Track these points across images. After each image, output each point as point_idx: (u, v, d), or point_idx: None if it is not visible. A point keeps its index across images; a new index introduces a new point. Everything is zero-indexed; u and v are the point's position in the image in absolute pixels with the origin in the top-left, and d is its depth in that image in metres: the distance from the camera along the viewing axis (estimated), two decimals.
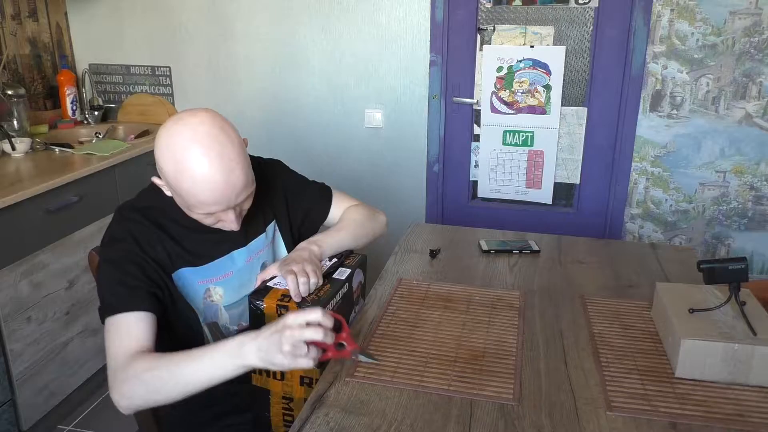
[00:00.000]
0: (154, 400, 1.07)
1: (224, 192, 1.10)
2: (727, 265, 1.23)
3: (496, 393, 1.12)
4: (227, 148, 1.10)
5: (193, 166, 1.07)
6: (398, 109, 2.77)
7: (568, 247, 1.81)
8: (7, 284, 1.94)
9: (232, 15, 2.81)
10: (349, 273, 1.30)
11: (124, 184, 2.44)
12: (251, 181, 1.16)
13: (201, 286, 1.25)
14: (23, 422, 2.04)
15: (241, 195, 1.13)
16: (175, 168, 1.09)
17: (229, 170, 1.09)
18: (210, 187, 1.08)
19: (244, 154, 1.14)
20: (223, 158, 1.08)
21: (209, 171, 1.07)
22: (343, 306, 1.27)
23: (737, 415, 1.07)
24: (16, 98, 2.52)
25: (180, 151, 1.08)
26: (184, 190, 1.10)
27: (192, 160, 1.07)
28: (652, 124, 2.56)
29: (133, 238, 1.18)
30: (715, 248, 2.65)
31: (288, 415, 1.25)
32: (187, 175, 1.08)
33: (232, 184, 1.10)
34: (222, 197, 1.10)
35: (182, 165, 1.08)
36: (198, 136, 1.08)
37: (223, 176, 1.08)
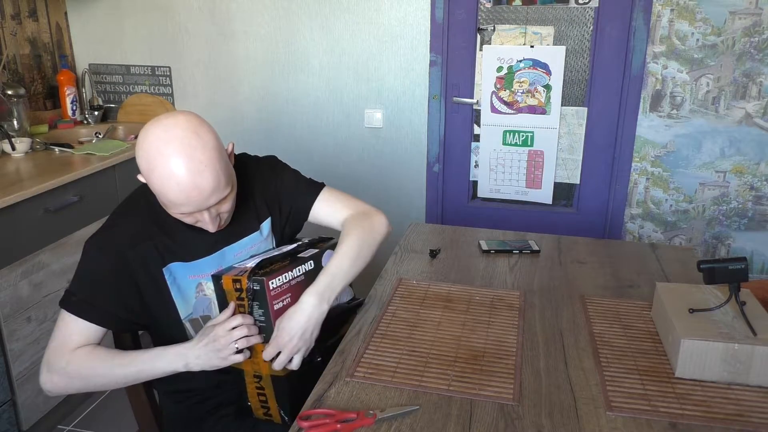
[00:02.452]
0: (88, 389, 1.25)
1: (191, 194, 1.11)
2: (727, 265, 1.23)
3: (496, 393, 1.12)
4: (197, 151, 1.10)
5: (162, 167, 1.09)
6: (398, 109, 2.77)
7: (568, 247, 1.81)
8: (7, 284, 1.94)
9: (232, 15, 2.81)
10: (315, 252, 1.31)
11: (124, 184, 2.44)
12: (224, 185, 1.15)
13: (192, 281, 1.27)
14: (23, 422, 2.04)
15: (211, 198, 1.13)
16: (148, 167, 1.11)
17: (196, 172, 1.09)
18: (178, 189, 1.10)
19: (219, 157, 1.14)
20: (192, 160, 1.09)
21: (176, 172, 1.09)
22: (308, 284, 1.24)
23: (737, 415, 1.07)
24: (16, 98, 2.52)
25: (152, 152, 1.10)
26: (156, 190, 1.13)
27: (161, 161, 1.09)
28: (652, 124, 2.56)
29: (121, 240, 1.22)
30: (715, 248, 2.65)
31: (261, 394, 1.27)
32: (156, 174, 1.10)
33: (200, 187, 1.10)
34: (189, 199, 1.11)
35: (153, 164, 1.10)
36: (169, 138, 1.09)
37: (190, 178, 1.09)
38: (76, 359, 1.18)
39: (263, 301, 1.18)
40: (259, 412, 1.30)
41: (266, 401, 1.28)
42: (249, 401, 1.30)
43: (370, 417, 1.03)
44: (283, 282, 1.21)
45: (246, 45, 2.83)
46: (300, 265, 1.26)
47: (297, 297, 1.23)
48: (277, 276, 1.20)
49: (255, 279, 1.18)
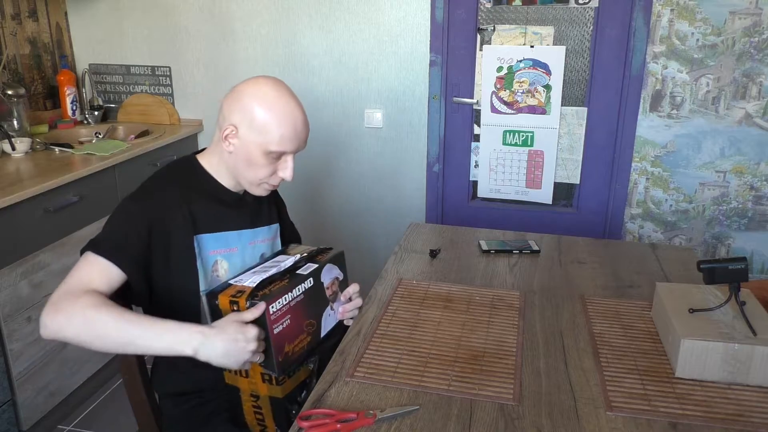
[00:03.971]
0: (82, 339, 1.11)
1: (302, 130, 1.30)
2: (727, 265, 1.23)
3: (496, 393, 1.12)
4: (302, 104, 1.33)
5: (284, 106, 1.27)
6: (398, 109, 2.77)
7: (568, 247, 1.81)
8: (7, 284, 1.94)
9: (232, 15, 2.81)
10: (315, 268, 1.27)
11: (124, 184, 2.44)
12: None
13: (211, 257, 1.31)
14: (23, 422, 2.04)
15: (305, 142, 1.34)
16: (269, 108, 1.26)
17: (305, 116, 1.32)
18: (297, 122, 1.28)
19: None
20: (302, 107, 1.32)
21: (296, 109, 1.29)
22: (308, 302, 1.24)
23: (737, 415, 1.07)
24: (16, 98, 2.52)
25: (272, 94, 1.27)
26: (273, 126, 1.26)
27: (284, 101, 1.28)
28: (652, 124, 2.56)
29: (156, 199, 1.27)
30: (715, 248, 2.65)
31: (258, 413, 1.26)
32: (277, 112, 1.26)
33: (306, 126, 1.32)
34: (297, 134, 1.29)
35: (274, 103, 1.26)
36: (284, 87, 1.31)
37: (304, 117, 1.31)
38: (87, 298, 1.12)
39: (263, 325, 1.14)
40: (255, 429, 1.29)
41: (263, 420, 1.27)
42: (245, 418, 1.29)
43: (370, 417, 1.03)
44: (283, 304, 1.17)
45: (246, 45, 2.83)
46: (299, 284, 1.23)
47: (296, 317, 1.21)
48: (277, 299, 1.16)
49: (255, 303, 1.14)
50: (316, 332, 1.29)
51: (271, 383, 1.22)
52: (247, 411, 1.28)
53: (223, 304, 1.17)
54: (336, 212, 2.97)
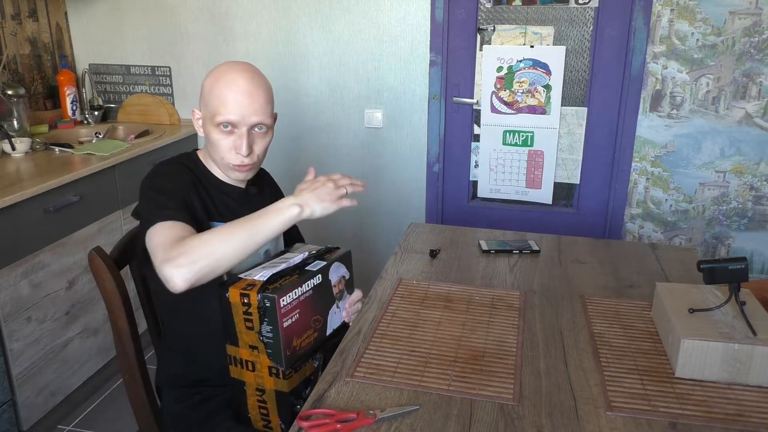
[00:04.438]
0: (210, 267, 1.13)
1: (243, 100, 1.29)
2: (727, 265, 1.23)
3: (496, 393, 1.12)
4: (258, 76, 1.34)
5: (228, 75, 1.30)
6: (398, 109, 2.77)
7: (568, 247, 1.81)
8: (7, 284, 1.94)
9: (232, 15, 2.81)
10: (323, 265, 1.30)
11: (124, 184, 2.44)
12: (268, 113, 1.34)
13: None
14: (23, 422, 2.04)
15: (257, 114, 1.31)
16: (214, 79, 1.31)
17: (254, 85, 1.31)
18: (237, 91, 1.28)
19: (270, 93, 1.36)
20: (254, 78, 1.32)
21: (240, 79, 1.30)
22: (316, 299, 1.27)
23: (737, 415, 1.07)
24: (16, 98, 2.52)
25: (223, 67, 1.33)
26: (215, 95, 1.29)
27: (230, 73, 1.31)
28: (652, 124, 2.56)
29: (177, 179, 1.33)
30: (715, 248, 2.65)
31: (263, 408, 1.26)
32: (222, 82, 1.29)
33: (253, 95, 1.30)
34: (240, 105, 1.29)
35: (221, 75, 1.31)
36: (240, 63, 1.35)
37: (249, 87, 1.30)
38: (190, 240, 1.14)
39: (273, 318, 1.16)
40: (258, 424, 1.30)
41: (267, 414, 1.28)
42: (249, 413, 1.30)
43: (370, 417, 1.03)
44: (293, 299, 1.20)
45: (246, 45, 2.83)
46: (309, 279, 1.25)
47: (305, 313, 1.23)
48: (287, 293, 1.18)
49: (266, 296, 1.15)
50: (323, 329, 1.31)
51: (277, 377, 1.22)
52: (252, 405, 1.28)
53: (234, 297, 1.18)
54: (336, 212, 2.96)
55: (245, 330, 1.20)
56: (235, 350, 1.24)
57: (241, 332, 1.21)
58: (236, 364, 1.26)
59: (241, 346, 1.23)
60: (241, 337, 1.22)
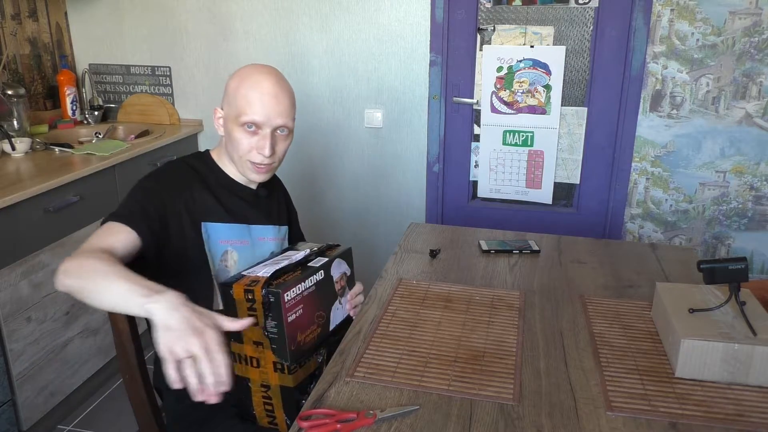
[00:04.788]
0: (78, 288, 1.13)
1: (269, 102, 1.31)
2: (727, 265, 1.23)
3: (496, 393, 1.12)
4: (283, 80, 1.36)
5: (254, 77, 1.32)
6: (398, 109, 2.77)
7: (568, 247, 1.81)
8: (7, 284, 1.94)
9: (232, 15, 2.81)
10: (325, 261, 1.31)
11: (124, 184, 2.44)
12: (291, 116, 1.36)
13: (221, 246, 1.35)
14: (23, 422, 2.04)
15: (280, 117, 1.33)
16: (240, 80, 1.32)
17: (279, 88, 1.33)
18: (264, 91, 1.30)
19: (293, 97, 1.38)
20: (279, 81, 1.34)
21: (266, 82, 1.32)
22: (319, 294, 1.28)
23: (737, 415, 1.07)
24: (16, 98, 2.52)
25: (249, 69, 1.35)
26: (241, 95, 1.31)
27: (255, 74, 1.33)
28: (652, 124, 2.56)
29: (171, 180, 1.34)
30: (715, 248, 2.65)
31: (268, 404, 1.27)
32: (248, 82, 1.31)
33: (278, 98, 1.32)
34: (265, 106, 1.30)
35: (246, 76, 1.33)
36: (266, 66, 1.37)
37: (275, 89, 1.32)
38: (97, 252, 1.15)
39: (277, 313, 1.17)
40: (263, 420, 1.30)
41: (273, 411, 1.28)
42: (254, 409, 1.30)
43: (370, 417, 1.03)
44: (297, 293, 1.21)
45: (246, 45, 2.83)
46: (312, 275, 1.26)
47: (308, 308, 1.24)
48: (292, 288, 1.19)
49: (271, 291, 1.16)
50: (326, 324, 1.32)
51: (282, 372, 1.22)
52: (257, 402, 1.28)
53: (238, 293, 1.19)
54: (336, 212, 2.97)
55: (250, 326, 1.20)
56: (240, 347, 1.25)
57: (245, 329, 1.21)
58: (240, 361, 1.26)
59: (246, 343, 1.23)
60: (245, 334, 1.22)
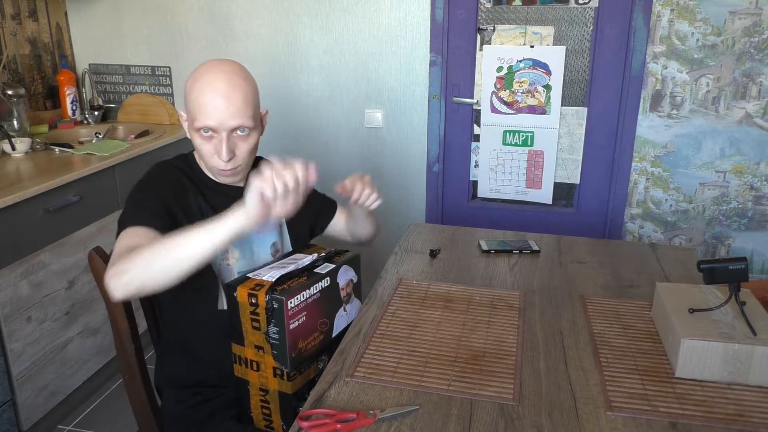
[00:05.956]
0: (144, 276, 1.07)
1: (219, 103, 1.23)
2: (727, 265, 1.23)
3: (496, 393, 1.12)
4: (239, 77, 1.27)
5: (206, 77, 1.25)
6: (398, 109, 2.77)
7: (568, 247, 1.81)
8: (7, 284, 1.94)
9: (232, 15, 2.81)
10: (332, 268, 1.30)
11: (124, 184, 2.44)
12: (248, 115, 1.27)
13: None
14: (23, 422, 2.04)
15: (235, 117, 1.25)
16: (192, 82, 1.26)
17: (231, 86, 1.24)
18: (212, 94, 1.23)
19: (253, 93, 1.30)
20: (232, 79, 1.25)
21: (217, 81, 1.24)
22: (323, 301, 1.27)
23: (737, 415, 1.07)
24: (16, 98, 2.52)
25: (203, 68, 1.28)
26: (192, 99, 1.25)
27: (207, 73, 1.26)
28: (652, 124, 2.56)
29: (170, 180, 1.32)
30: (715, 248, 2.65)
31: (265, 408, 1.26)
32: (199, 84, 1.25)
33: (230, 98, 1.24)
34: (216, 108, 1.23)
35: (199, 76, 1.26)
36: (219, 63, 1.29)
37: (226, 89, 1.24)
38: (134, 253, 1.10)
39: (280, 320, 1.17)
40: (260, 423, 1.30)
41: (270, 415, 1.28)
42: (251, 412, 1.30)
43: (370, 417, 1.03)
44: (301, 301, 1.20)
45: (246, 45, 2.83)
46: (317, 282, 1.25)
47: (312, 315, 1.23)
48: (296, 295, 1.18)
49: (274, 297, 1.16)
50: (329, 331, 1.31)
51: (282, 378, 1.22)
52: (255, 405, 1.28)
53: (242, 297, 1.19)
54: None
55: (251, 330, 1.20)
56: (241, 349, 1.25)
57: (248, 332, 1.21)
58: (241, 363, 1.26)
59: (247, 346, 1.23)
60: (247, 337, 1.22)
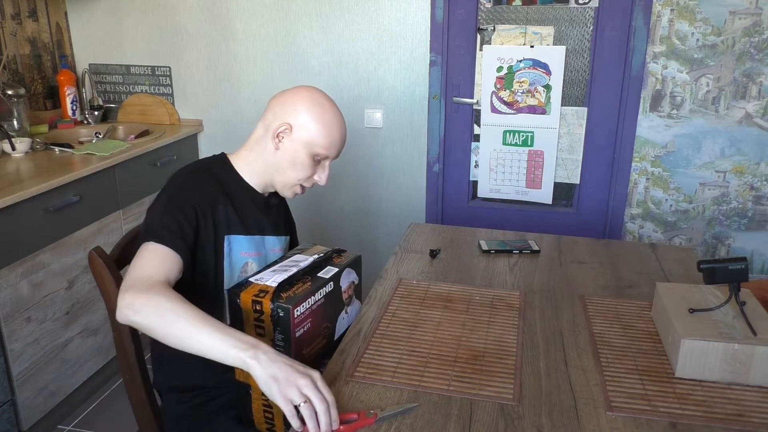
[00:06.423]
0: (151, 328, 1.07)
1: (345, 139, 1.42)
2: (727, 265, 1.23)
3: (496, 393, 1.12)
4: None
5: (336, 114, 1.40)
6: (398, 109, 2.77)
7: (568, 247, 1.81)
8: (7, 284, 1.94)
9: (232, 15, 2.81)
10: (335, 272, 1.29)
11: (124, 184, 2.44)
12: None
13: (242, 258, 1.36)
14: (23, 422, 2.04)
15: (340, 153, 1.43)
16: (323, 112, 1.36)
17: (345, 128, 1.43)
18: (343, 131, 1.40)
19: None
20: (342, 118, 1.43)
21: (343, 121, 1.42)
22: (327, 306, 1.27)
23: (737, 415, 1.07)
24: (16, 98, 2.52)
25: (327, 104, 1.39)
26: (325, 131, 1.36)
27: (335, 110, 1.40)
28: (652, 124, 2.56)
29: (201, 191, 1.32)
30: (715, 248, 2.65)
31: (267, 412, 1.26)
32: (330, 120, 1.37)
33: (344, 139, 1.43)
34: (342, 139, 1.41)
35: (329, 112, 1.37)
36: (332, 101, 1.42)
37: (345, 126, 1.43)
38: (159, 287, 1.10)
39: (285, 327, 1.16)
40: (262, 426, 1.29)
41: (272, 419, 1.27)
42: (252, 415, 1.29)
43: (371, 417, 1.03)
44: (306, 308, 1.20)
45: (246, 45, 2.83)
46: (321, 287, 1.24)
47: (316, 321, 1.23)
48: (301, 303, 1.18)
49: (280, 305, 1.15)
50: (331, 335, 1.31)
51: None
52: (257, 409, 1.28)
53: (245, 302, 1.18)
54: (336, 212, 2.97)
55: (255, 335, 1.19)
56: None
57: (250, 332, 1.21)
58: None
59: None
60: None
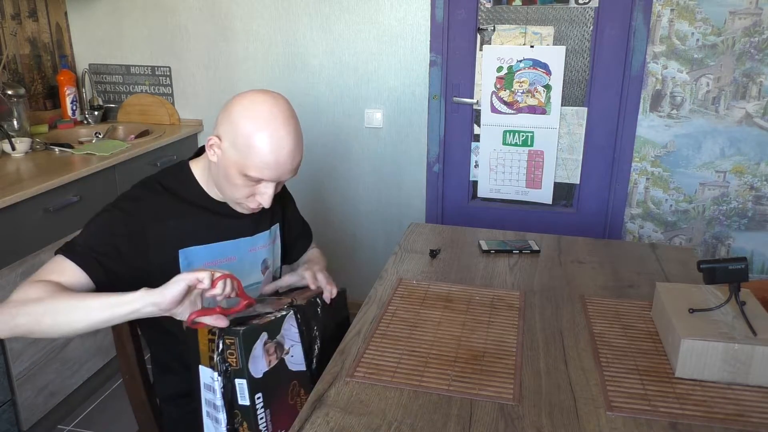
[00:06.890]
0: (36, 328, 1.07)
1: (286, 161, 1.20)
2: (727, 265, 1.23)
3: (496, 393, 1.12)
4: (298, 130, 1.24)
5: (273, 128, 1.19)
6: (398, 109, 2.77)
7: (568, 247, 1.81)
8: (7, 284, 1.94)
9: (232, 15, 2.81)
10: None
11: (124, 184, 2.43)
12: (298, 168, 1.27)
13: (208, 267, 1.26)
14: (23, 422, 2.04)
15: (291, 172, 1.24)
16: (255, 127, 1.18)
17: (296, 144, 1.22)
18: (281, 152, 1.19)
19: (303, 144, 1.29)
20: (296, 135, 1.22)
21: (286, 137, 1.20)
22: None
23: (737, 415, 1.07)
24: (16, 98, 2.52)
25: (264, 114, 1.19)
26: (255, 149, 1.18)
27: (275, 123, 1.19)
28: (652, 124, 2.56)
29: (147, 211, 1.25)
30: (715, 248, 2.65)
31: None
32: (265, 135, 1.18)
33: (294, 157, 1.22)
34: (283, 164, 1.20)
35: (264, 125, 1.18)
36: (281, 109, 1.22)
37: (292, 146, 1.21)
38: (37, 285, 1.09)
39: None
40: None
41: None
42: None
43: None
44: None
45: (246, 45, 2.83)
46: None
47: None
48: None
49: None
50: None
51: None
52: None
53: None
54: (336, 212, 2.97)
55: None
56: None
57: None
58: None
59: None
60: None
